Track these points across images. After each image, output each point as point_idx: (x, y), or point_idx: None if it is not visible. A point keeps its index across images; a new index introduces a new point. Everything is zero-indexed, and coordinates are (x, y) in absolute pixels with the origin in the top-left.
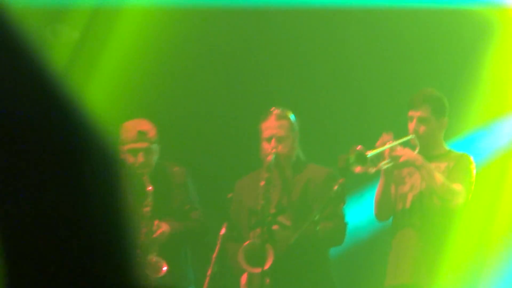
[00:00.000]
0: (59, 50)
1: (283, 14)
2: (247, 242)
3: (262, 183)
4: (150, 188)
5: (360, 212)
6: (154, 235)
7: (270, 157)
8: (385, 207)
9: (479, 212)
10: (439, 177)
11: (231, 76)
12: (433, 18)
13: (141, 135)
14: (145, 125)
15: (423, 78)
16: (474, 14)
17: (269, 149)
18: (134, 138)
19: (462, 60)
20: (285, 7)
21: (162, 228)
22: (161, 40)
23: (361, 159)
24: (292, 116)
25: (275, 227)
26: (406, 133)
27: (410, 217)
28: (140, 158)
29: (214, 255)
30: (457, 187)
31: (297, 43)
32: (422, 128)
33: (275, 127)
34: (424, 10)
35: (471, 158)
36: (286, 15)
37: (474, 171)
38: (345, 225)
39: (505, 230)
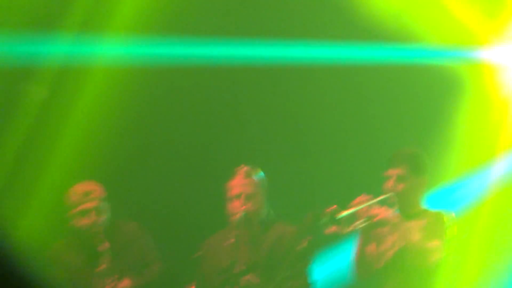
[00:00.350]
0: (28, 109)
1: (250, 70)
2: None
3: (232, 240)
4: (106, 245)
5: (333, 267)
6: None
7: (239, 215)
8: (364, 266)
9: (457, 264)
10: (416, 235)
11: (199, 134)
12: (406, 74)
13: (87, 195)
14: (90, 186)
15: (397, 134)
16: (445, 69)
17: (238, 207)
18: (81, 200)
19: (435, 115)
20: (250, 64)
21: (123, 283)
22: (128, 99)
23: (334, 219)
24: (260, 174)
25: (243, 285)
26: (381, 192)
27: (390, 276)
28: (92, 217)
29: None
30: (433, 244)
31: (264, 98)
32: (400, 186)
33: (244, 185)
34: (397, 67)
35: (447, 215)
36: (254, 71)
37: (451, 228)
38: (310, 284)
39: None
